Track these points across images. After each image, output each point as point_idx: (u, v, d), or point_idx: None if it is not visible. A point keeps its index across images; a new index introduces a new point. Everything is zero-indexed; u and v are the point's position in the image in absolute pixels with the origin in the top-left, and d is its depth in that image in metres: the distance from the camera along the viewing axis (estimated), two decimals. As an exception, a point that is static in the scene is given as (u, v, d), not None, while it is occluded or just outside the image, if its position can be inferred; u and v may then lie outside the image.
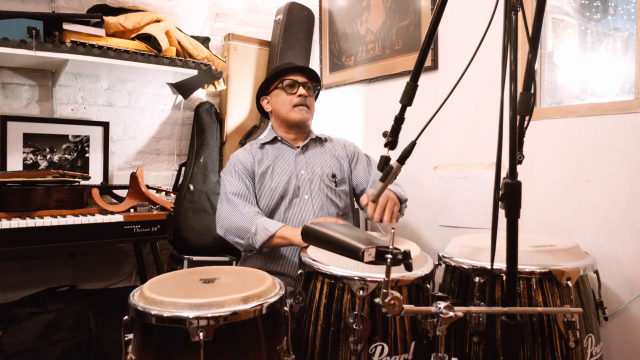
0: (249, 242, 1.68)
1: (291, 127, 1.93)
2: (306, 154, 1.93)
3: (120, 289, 2.34)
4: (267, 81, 1.96)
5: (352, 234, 1.06)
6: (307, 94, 1.91)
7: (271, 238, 1.64)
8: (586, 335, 1.33)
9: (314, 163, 1.91)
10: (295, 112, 1.88)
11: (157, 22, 2.32)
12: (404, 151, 1.32)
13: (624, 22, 1.72)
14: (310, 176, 1.87)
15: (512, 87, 0.97)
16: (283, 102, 1.90)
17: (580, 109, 1.71)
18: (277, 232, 1.64)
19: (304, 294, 1.38)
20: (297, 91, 1.89)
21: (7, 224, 1.71)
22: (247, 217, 1.71)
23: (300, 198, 1.83)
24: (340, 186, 1.91)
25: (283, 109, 1.90)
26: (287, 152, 1.91)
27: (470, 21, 2.00)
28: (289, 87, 1.89)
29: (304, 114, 1.89)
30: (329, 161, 1.93)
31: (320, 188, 1.86)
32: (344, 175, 1.94)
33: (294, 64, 1.98)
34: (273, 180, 1.84)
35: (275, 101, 1.93)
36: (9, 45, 1.88)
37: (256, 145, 1.93)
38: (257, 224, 1.67)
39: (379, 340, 1.25)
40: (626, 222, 1.59)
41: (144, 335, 1.15)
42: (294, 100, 1.88)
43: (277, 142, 1.94)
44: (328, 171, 1.90)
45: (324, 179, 1.88)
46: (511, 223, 0.96)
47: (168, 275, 1.36)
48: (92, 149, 2.43)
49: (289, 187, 1.83)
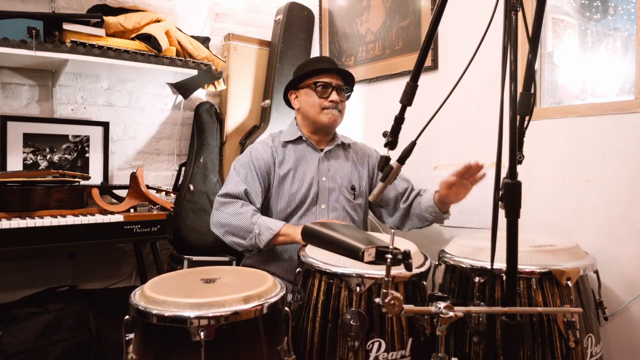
0: (252, 242, 1.64)
1: (318, 129, 1.85)
2: (330, 161, 1.86)
3: (120, 289, 2.34)
4: (298, 77, 1.84)
5: (352, 234, 1.06)
6: (339, 99, 1.80)
7: (275, 236, 1.62)
8: (586, 335, 1.33)
9: (335, 172, 1.85)
10: (324, 115, 1.79)
11: (157, 22, 2.32)
12: (404, 151, 1.32)
13: (624, 22, 1.72)
14: (330, 185, 1.82)
15: (512, 87, 0.98)
16: (313, 103, 1.80)
17: (580, 109, 1.71)
18: (280, 230, 1.62)
19: (302, 292, 1.39)
20: (329, 95, 1.79)
21: (7, 224, 1.71)
22: (246, 217, 1.67)
23: (318, 207, 1.80)
24: (358, 199, 1.87)
25: (312, 111, 1.81)
26: (310, 155, 1.85)
27: (470, 21, 2.00)
28: (321, 90, 1.79)
29: (333, 117, 1.79)
30: (350, 172, 1.88)
31: (338, 200, 1.82)
32: (362, 189, 1.90)
33: (331, 64, 1.87)
34: (294, 185, 1.79)
35: (304, 100, 1.83)
36: (9, 45, 1.88)
37: (278, 142, 1.85)
38: (259, 223, 1.64)
39: (376, 336, 1.26)
40: (626, 222, 1.59)
41: (144, 335, 1.15)
42: (324, 103, 1.79)
43: (301, 143, 1.86)
44: (348, 182, 1.85)
45: (343, 190, 1.83)
46: (511, 223, 0.96)
47: (169, 275, 1.37)
48: (92, 149, 2.43)
49: (309, 194, 1.79)
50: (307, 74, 1.82)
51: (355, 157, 1.94)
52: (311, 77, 1.82)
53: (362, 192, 1.90)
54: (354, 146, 1.98)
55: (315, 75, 1.81)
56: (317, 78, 1.81)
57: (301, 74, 1.83)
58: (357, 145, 2.00)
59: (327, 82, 1.79)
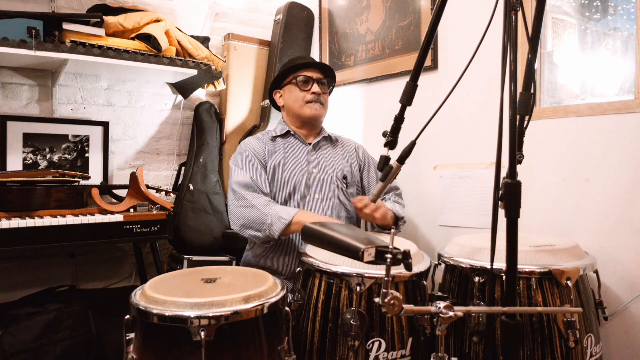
0: (267, 233, 1.64)
1: (304, 124, 1.90)
2: (318, 153, 1.91)
3: (120, 289, 2.34)
4: (280, 75, 1.91)
5: (352, 234, 1.06)
6: (321, 91, 1.86)
7: (289, 226, 1.61)
8: (586, 335, 1.34)
9: (325, 163, 1.89)
10: (308, 108, 1.85)
11: (157, 22, 2.32)
12: (404, 151, 1.32)
13: (624, 22, 1.72)
14: (322, 176, 1.85)
15: (512, 87, 0.98)
16: (296, 98, 1.86)
17: (580, 109, 1.71)
18: (293, 219, 1.61)
19: (303, 292, 1.39)
20: (311, 88, 1.85)
21: (7, 224, 1.71)
22: (260, 208, 1.67)
23: (312, 197, 1.82)
24: (350, 189, 1.90)
25: (296, 105, 1.86)
26: (299, 148, 1.89)
27: (470, 21, 2.00)
28: (303, 84, 1.85)
29: (317, 110, 1.85)
30: (340, 162, 1.92)
31: (331, 189, 1.85)
32: (354, 179, 1.93)
33: (309, 59, 1.94)
34: (285, 174, 1.82)
35: (288, 97, 1.90)
36: (9, 45, 1.88)
37: (268, 137, 1.90)
38: (271, 214, 1.64)
39: (377, 336, 1.26)
40: (626, 222, 1.60)
41: (145, 335, 1.15)
42: (307, 97, 1.84)
43: (289, 137, 1.91)
44: (339, 172, 1.89)
45: (335, 180, 1.86)
46: (511, 223, 0.96)
47: (170, 275, 1.37)
48: (92, 149, 2.43)
49: (300, 185, 1.81)
50: (288, 70, 1.89)
51: (342, 149, 1.98)
52: (292, 73, 1.88)
53: (354, 182, 1.93)
54: (340, 139, 2.03)
55: (295, 71, 1.88)
56: (298, 73, 1.87)
57: (282, 72, 1.91)
58: (344, 139, 2.05)
59: (308, 76, 1.86)
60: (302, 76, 1.85)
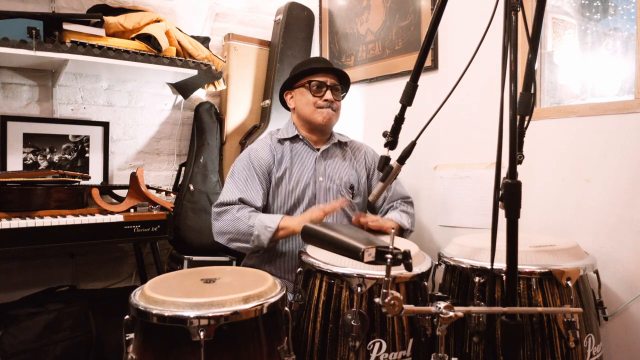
0: (255, 244, 1.65)
1: (314, 129, 1.86)
2: (327, 160, 1.86)
3: (120, 289, 2.34)
4: (293, 76, 1.85)
5: (352, 234, 1.06)
6: (334, 98, 1.81)
7: (275, 233, 1.62)
8: (586, 335, 1.33)
9: (332, 171, 1.85)
10: (318, 114, 1.80)
11: (157, 22, 2.32)
12: (404, 151, 1.32)
13: (624, 22, 1.72)
14: (328, 185, 1.82)
15: (512, 87, 0.98)
16: (307, 102, 1.81)
17: (580, 109, 1.71)
18: (279, 226, 1.62)
19: (303, 292, 1.39)
20: (323, 94, 1.80)
21: (7, 224, 1.71)
22: (244, 220, 1.66)
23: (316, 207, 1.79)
24: (356, 199, 1.88)
25: (307, 109, 1.81)
26: (307, 154, 1.85)
27: (470, 21, 2.00)
28: (316, 89, 1.80)
29: (328, 116, 1.80)
30: (347, 170, 1.88)
31: (337, 199, 1.81)
32: (361, 187, 1.90)
33: (326, 63, 1.88)
34: (290, 182, 1.79)
35: (299, 99, 1.85)
36: (9, 45, 1.88)
37: (276, 139, 1.85)
38: (256, 224, 1.64)
39: (377, 336, 1.26)
40: (626, 222, 1.59)
41: (145, 335, 1.15)
42: (318, 102, 1.79)
43: (297, 142, 1.86)
44: (346, 181, 1.86)
45: (341, 190, 1.83)
46: (511, 223, 0.96)
47: (169, 275, 1.37)
48: (92, 149, 2.43)
49: (306, 194, 1.79)
50: (302, 73, 1.83)
51: (352, 155, 1.95)
52: (306, 76, 1.83)
53: (361, 191, 1.90)
54: (350, 144, 1.98)
55: (310, 75, 1.82)
56: (312, 77, 1.82)
57: (296, 73, 1.85)
58: (354, 143, 2.00)
59: (322, 81, 1.81)
60: (315, 81, 1.80)
